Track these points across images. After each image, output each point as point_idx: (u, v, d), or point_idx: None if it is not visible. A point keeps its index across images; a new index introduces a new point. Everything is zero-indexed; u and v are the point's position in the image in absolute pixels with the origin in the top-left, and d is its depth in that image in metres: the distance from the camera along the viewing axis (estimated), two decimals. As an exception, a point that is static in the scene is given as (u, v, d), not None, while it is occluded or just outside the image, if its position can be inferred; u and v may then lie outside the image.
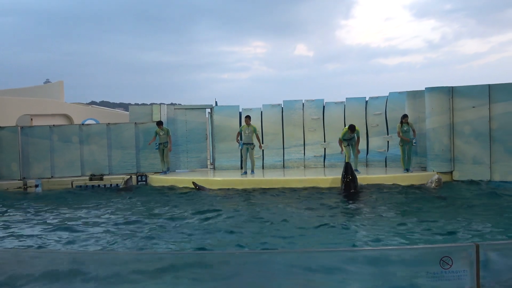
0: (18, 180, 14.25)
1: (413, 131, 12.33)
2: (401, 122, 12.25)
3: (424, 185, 11.44)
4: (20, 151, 14.50)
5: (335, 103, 14.98)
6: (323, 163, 14.73)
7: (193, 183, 12.31)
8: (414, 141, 12.38)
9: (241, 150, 13.27)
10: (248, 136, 12.96)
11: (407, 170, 12.24)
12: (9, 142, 14.54)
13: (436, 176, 11.35)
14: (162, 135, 13.84)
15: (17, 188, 14.01)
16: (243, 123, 13.47)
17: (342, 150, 12.78)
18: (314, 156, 14.80)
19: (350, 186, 10.85)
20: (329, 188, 11.37)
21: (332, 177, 11.81)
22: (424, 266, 3.49)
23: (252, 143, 13.06)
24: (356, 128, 12.45)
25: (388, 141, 14.23)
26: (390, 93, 14.26)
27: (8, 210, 10.69)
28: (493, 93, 11.74)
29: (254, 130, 12.99)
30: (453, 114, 12.22)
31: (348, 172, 11.00)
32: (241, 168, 13.59)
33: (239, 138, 13.17)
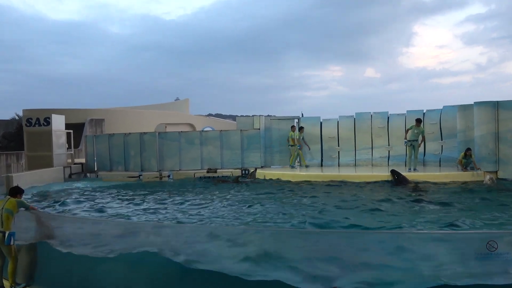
0: (156, 171, 15.38)
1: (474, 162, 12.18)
2: (465, 154, 12.31)
3: (483, 183, 11.42)
4: (157, 150, 15.49)
5: (398, 114, 15.01)
6: (387, 163, 14.82)
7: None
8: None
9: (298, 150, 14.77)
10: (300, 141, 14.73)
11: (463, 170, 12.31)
12: (150, 143, 15.66)
13: (488, 177, 11.56)
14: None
15: (154, 178, 15.19)
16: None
17: (405, 137, 13.18)
18: (380, 157, 14.96)
19: (399, 183, 11.60)
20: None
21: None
22: (472, 248, 3.49)
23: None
24: (422, 125, 12.84)
25: (442, 146, 14.19)
26: (444, 106, 14.33)
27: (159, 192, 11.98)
28: (533, 106, 11.72)
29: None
30: (498, 124, 12.05)
31: (394, 174, 11.92)
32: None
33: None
